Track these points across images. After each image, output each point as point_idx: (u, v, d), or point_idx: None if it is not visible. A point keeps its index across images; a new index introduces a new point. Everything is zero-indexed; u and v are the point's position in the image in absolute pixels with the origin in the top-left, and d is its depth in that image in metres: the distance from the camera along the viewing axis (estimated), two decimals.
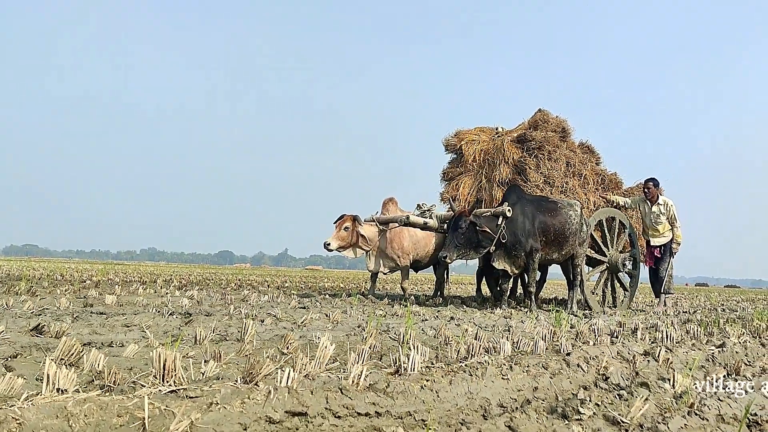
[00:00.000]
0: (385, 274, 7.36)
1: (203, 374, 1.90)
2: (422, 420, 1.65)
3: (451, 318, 4.70)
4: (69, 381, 1.47)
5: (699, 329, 3.89)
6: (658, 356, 2.74)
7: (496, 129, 8.18)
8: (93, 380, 1.76)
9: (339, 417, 1.51)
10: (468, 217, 5.70)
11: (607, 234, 7.24)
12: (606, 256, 7.23)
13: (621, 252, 7.51)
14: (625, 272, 7.52)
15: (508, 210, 5.83)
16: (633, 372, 2.47)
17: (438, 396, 1.75)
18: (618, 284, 7.70)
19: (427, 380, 1.79)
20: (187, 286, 8.44)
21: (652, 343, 3.30)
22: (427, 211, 6.76)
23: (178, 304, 4.82)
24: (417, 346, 2.17)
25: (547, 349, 2.75)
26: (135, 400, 1.29)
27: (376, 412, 1.58)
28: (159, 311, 4.08)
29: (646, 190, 7.44)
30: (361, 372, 1.68)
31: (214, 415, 1.33)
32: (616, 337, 3.51)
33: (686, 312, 7.34)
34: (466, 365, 2.04)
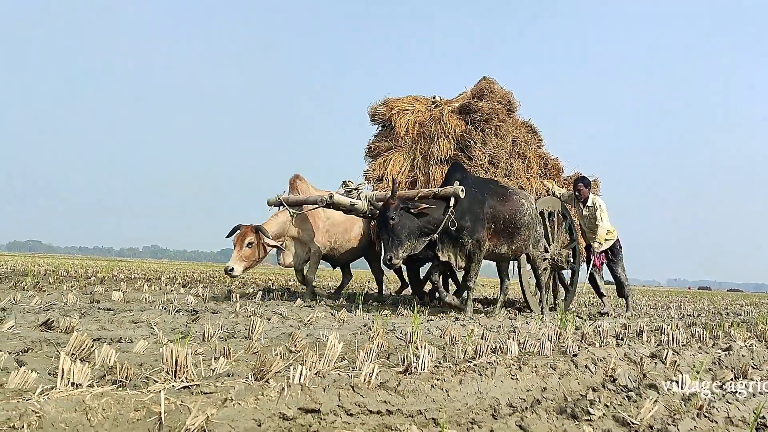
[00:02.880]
0: (300, 268, 6.10)
1: (213, 371, 1.91)
2: (433, 419, 1.65)
3: (456, 318, 4.71)
4: (83, 375, 1.49)
5: (704, 332, 3.89)
6: (665, 358, 2.75)
7: (433, 98, 7.16)
8: (105, 375, 1.77)
9: (351, 414, 1.52)
10: (393, 203, 4.60)
11: (548, 227, 6.32)
12: (548, 251, 6.31)
13: (563, 247, 6.73)
14: (568, 268, 6.76)
15: (461, 190, 4.83)
16: (640, 374, 2.47)
17: (448, 395, 1.76)
18: (559, 282, 6.99)
19: (438, 379, 1.80)
20: (191, 284, 8.46)
21: (658, 345, 3.30)
22: (355, 190, 5.63)
23: (184, 301, 4.83)
24: (425, 346, 2.18)
25: (553, 350, 2.75)
26: (151, 395, 1.30)
27: (387, 410, 1.59)
28: (165, 308, 4.09)
29: (576, 192, 6.62)
30: (372, 370, 1.69)
31: (228, 411, 1.34)
32: (622, 339, 3.52)
33: (690, 315, 7.34)
34: (475, 365, 2.05)
